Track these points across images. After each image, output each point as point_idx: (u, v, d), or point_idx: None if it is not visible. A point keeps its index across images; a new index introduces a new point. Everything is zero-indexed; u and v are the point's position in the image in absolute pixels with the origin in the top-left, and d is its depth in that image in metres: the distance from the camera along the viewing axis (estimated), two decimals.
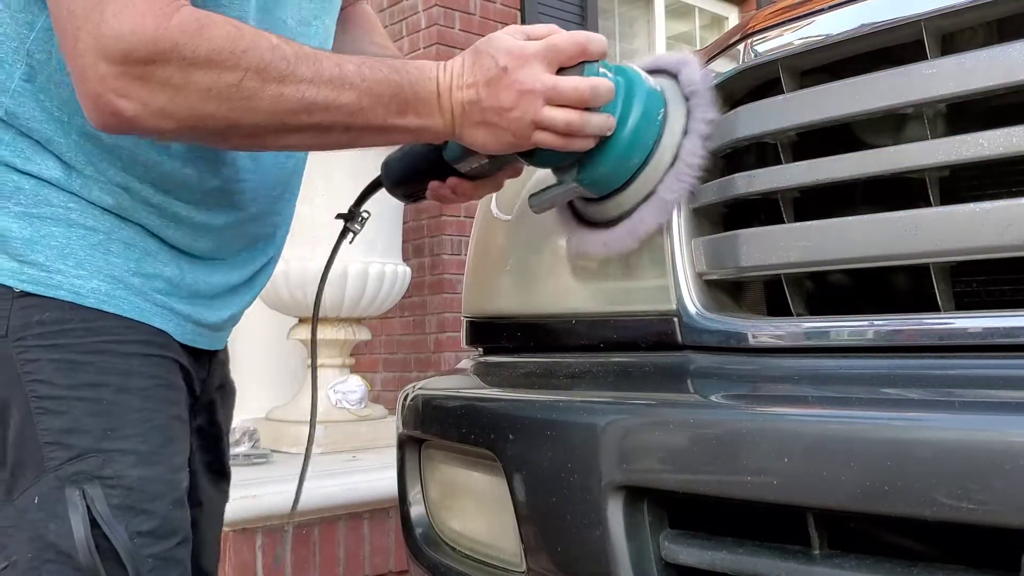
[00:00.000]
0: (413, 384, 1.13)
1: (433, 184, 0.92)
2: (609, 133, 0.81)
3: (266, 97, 0.72)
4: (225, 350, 1.03)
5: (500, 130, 0.79)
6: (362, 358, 4.06)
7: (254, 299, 1.01)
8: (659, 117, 0.84)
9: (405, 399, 1.11)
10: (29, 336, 0.77)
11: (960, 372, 0.68)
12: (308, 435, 1.08)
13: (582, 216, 0.94)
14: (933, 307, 0.71)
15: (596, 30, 4.57)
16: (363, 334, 3.03)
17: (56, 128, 0.79)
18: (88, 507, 0.76)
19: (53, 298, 0.77)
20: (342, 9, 1.07)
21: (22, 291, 0.77)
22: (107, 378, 0.79)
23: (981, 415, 0.60)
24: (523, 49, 0.78)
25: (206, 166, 0.85)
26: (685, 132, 0.85)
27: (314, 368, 1.10)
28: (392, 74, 0.77)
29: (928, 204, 0.72)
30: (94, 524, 0.76)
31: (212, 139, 0.77)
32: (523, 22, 4.28)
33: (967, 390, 0.67)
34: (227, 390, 1.04)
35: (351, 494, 2.20)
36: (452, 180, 0.90)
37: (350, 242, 1.00)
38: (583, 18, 4.53)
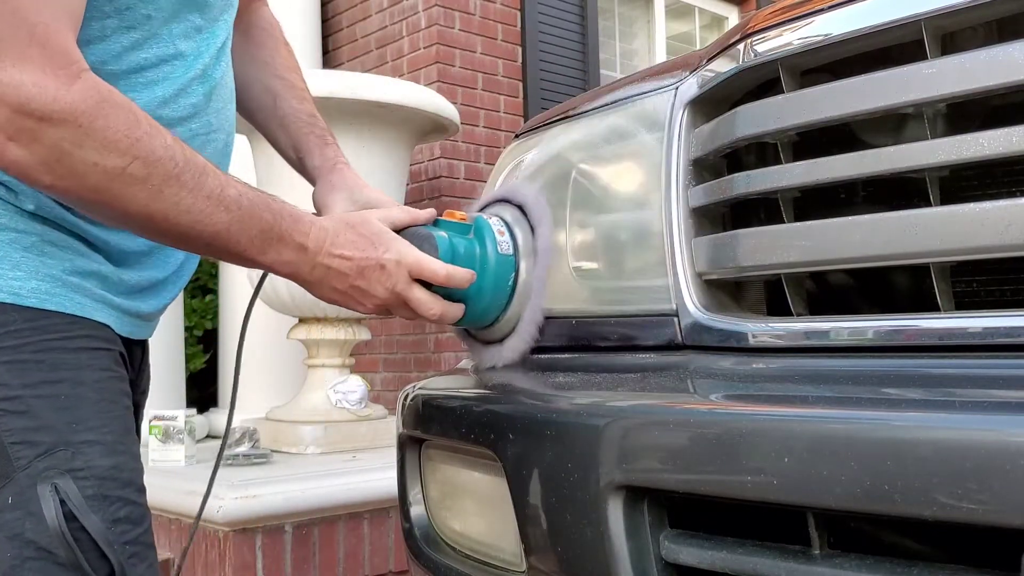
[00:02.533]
0: (413, 384, 1.13)
1: None
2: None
3: (145, 191, 0.74)
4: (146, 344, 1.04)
5: (355, 302, 0.90)
6: (362, 358, 4.05)
7: (180, 290, 1.01)
8: (509, 283, 0.98)
9: (405, 399, 1.11)
10: None
11: (960, 372, 0.68)
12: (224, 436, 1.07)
13: (476, 336, 1.07)
14: (933, 307, 0.71)
15: (596, 30, 4.57)
16: (363, 334, 3.03)
17: None
18: (62, 500, 0.76)
19: None
20: (241, 13, 1.07)
21: None
22: (60, 374, 0.80)
23: (981, 415, 0.60)
24: (401, 256, 0.89)
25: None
26: (534, 265, 1.00)
27: (237, 369, 1.07)
28: (269, 208, 0.82)
29: (928, 204, 0.72)
30: (70, 517, 0.76)
31: (81, 206, 0.79)
32: (523, 22, 4.28)
33: (967, 390, 0.67)
34: (147, 381, 1.04)
35: (351, 494, 2.20)
36: None
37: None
38: (583, 18, 4.53)
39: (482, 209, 1.06)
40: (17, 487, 0.76)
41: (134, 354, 0.93)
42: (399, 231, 0.93)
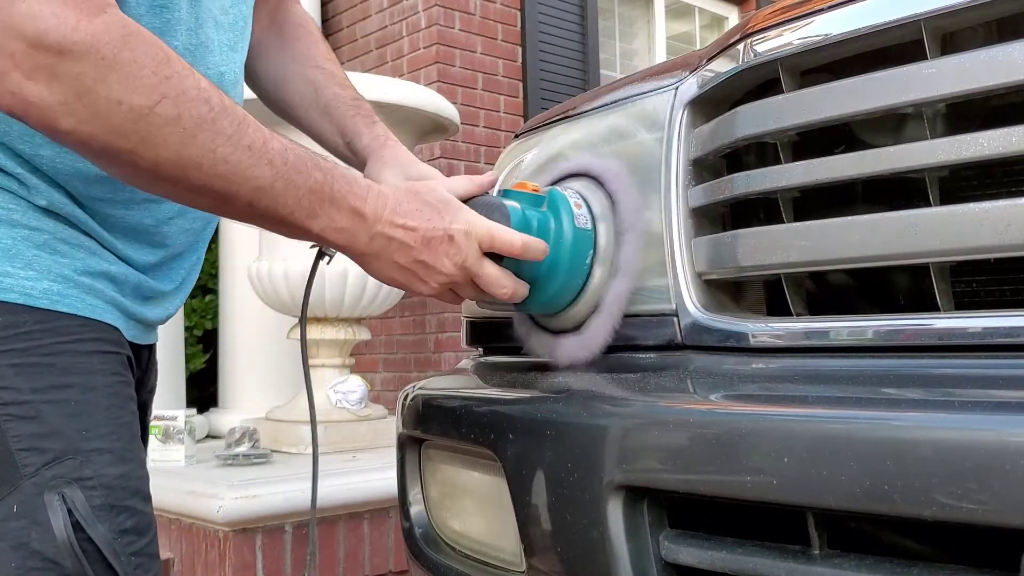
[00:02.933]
0: (413, 384, 1.13)
1: None
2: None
3: (176, 133, 0.67)
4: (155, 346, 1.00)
5: (418, 280, 0.82)
6: (362, 358, 4.06)
7: (182, 303, 0.98)
8: (587, 261, 0.89)
9: (405, 399, 1.11)
10: None
11: (960, 372, 0.68)
12: (312, 438, 1.06)
13: (547, 326, 0.96)
14: (933, 307, 0.71)
15: (596, 30, 4.58)
16: (363, 334, 3.03)
17: None
18: (69, 510, 0.73)
19: (4, 301, 0.75)
20: (272, 13, 1.04)
21: None
22: (71, 378, 0.77)
23: (981, 415, 0.60)
24: (471, 227, 0.82)
25: None
26: (617, 246, 0.89)
27: (307, 376, 1.07)
28: (315, 170, 0.74)
29: (928, 204, 0.72)
30: (77, 527, 0.73)
31: (103, 159, 0.70)
32: (523, 22, 4.28)
33: (967, 390, 0.67)
34: (153, 384, 1.01)
35: (351, 494, 2.20)
36: None
37: (327, 263, 0.97)
38: (583, 18, 4.53)
39: (553, 184, 0.97)
40: (23, 495, 0.73)
41: (141, 355, 0.91)
42: (464, 202, 0.85)
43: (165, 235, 0.88)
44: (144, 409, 0.96)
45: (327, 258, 0.94)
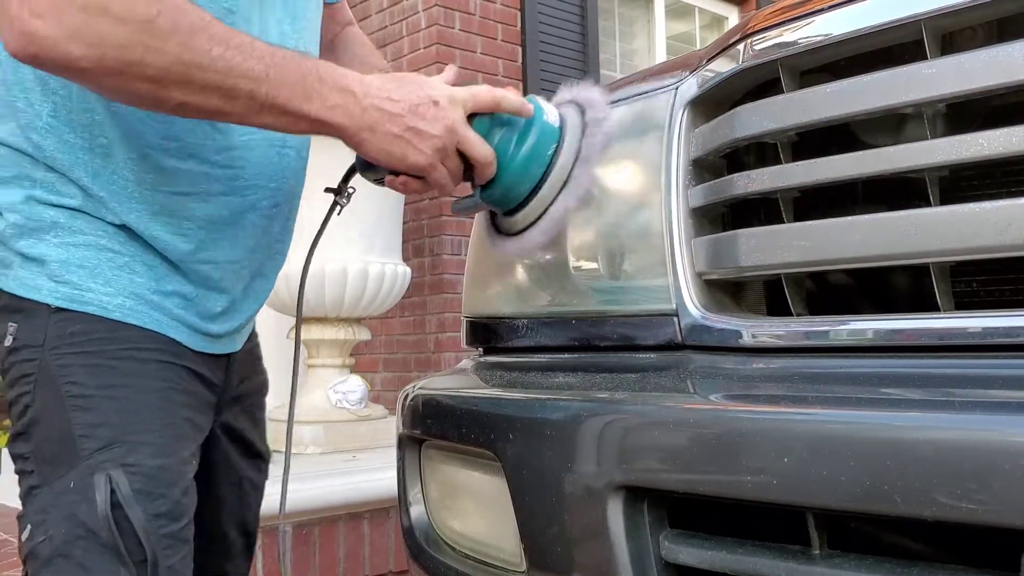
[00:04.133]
0: (413, 384, 1.13)
1: (388, 176, 0.96)
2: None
3: (176, 40, 0.75)
4: (249, 352, 1.13)
5: (412, 149, 0.87)
6: (362, 358, 4.06)
7: (250, 315, 1.08)
8: (549, 152, 0.92)
9: (405, 399, 1.11)
10: (63, 345, 0.87)
11: (960, 372, 0.68)
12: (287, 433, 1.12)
13: (498, 226, 1.02)
14: (933, 307, 0.71)
15: (596, 30, 4.57)
16: (363, 334, 3.03)
17: (75, 158, 0.88)
18: (112, 490, 0.85)
19: (83, 312, 0.88)
20: (332, 36, 1.18)
21: (57, 307, 0.88)
22: (128, 380, 0.89)
23: (981, 415, 0.60)
24: (452, 92, 0.89)
25: (202, 154, 0.92)
26: (577, 159, 0.93)
27: (296, 356, 1.11)
28: (303, 60, 0.83)
29: (928, 204, 0.72)
30: (117, 506, 0.84)
31: (115, 79, 0.77)
32: (523, 22, 4.28)
33: (967, 390, 0.67)
34: (253, 383, 1.14)
35: (351, 494, 2.20)
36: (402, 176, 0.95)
37: (338, 214, 1.05)
38: (583, 18, 4.53)
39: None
40: (79, 474, 0.85)
41: (218, 363, 1.01)
42: None
43: (240, 228, 0.97)
44: (237, 402, 1.09)
45: (339, 208, 1.03)
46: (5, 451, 3.74)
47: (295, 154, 1.03)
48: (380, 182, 1.00)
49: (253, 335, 1.16)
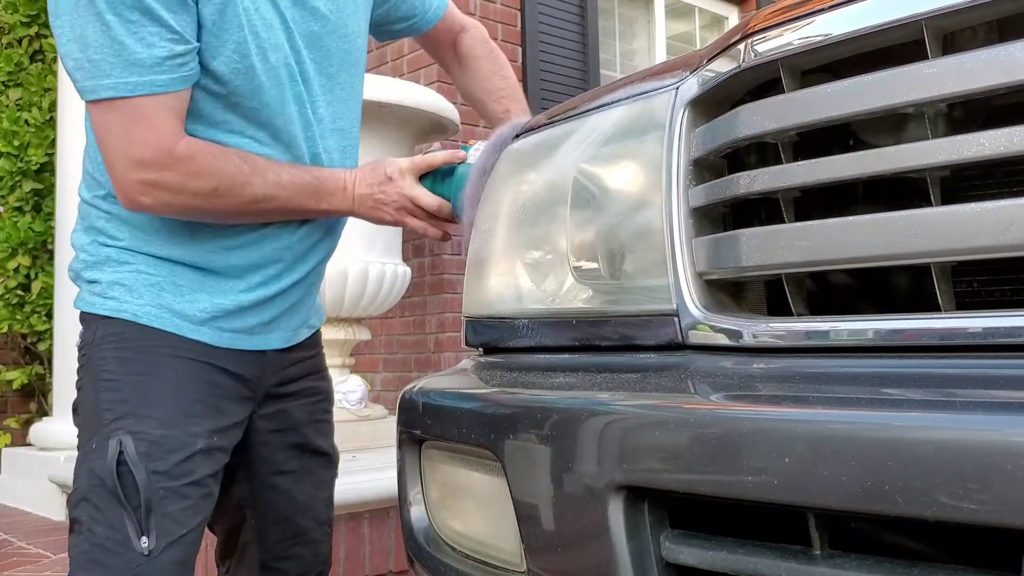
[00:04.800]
0: (413, 384, 1.13)
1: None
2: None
3: (231, 197, 1.14)
4: (303, 360, 1.36)
5: (384, 213, 1.27)
6: (362, 358, 4.05)
7: (300, 311, 1.34)
8: (466, 179, 1.24)
9: (405, 399, 1.11)
10: (104, 342, 1.17)
11: (960, 372, 0.68)
12: None
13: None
14: (934, 307, 0.71)
15: (596, 30, 4.57)
16: (363, 334, 3.03)
17: (132, 215, 1.19)
18: (121, 451, 1.10)
19: (121, 319, 1.17)
20: (451, 47, 1.54)
21: (104, 315, 1.18)
22: (148, 368, 1.16)
23: (981, 415, 0.60)
24: (400, 167, 1.25)
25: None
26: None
27: None
28: (311, 179, 1.20)
29: (929, 204, 0.72)
30: (122, 463, 1.10)
31: (196, 217, 1.17)
32: (523, 22, 4.28)
33: (967, 390, 0.66)
34: (309, 387, 1.37)
35: (351, 494, 2.20)
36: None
37: None
38: (583, 18, 4.53)
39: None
40: (101, 437, 1.13)
41: (251, 361, 1.25)
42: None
43: (270, 261, 1.26)
44: (279, 399, 1.31)
45: None
46: (5, 451, 3.74)
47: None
48: None
49: (308, 346, 1.38)
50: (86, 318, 1.21)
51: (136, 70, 1.05)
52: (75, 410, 1.20)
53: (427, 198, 1.25)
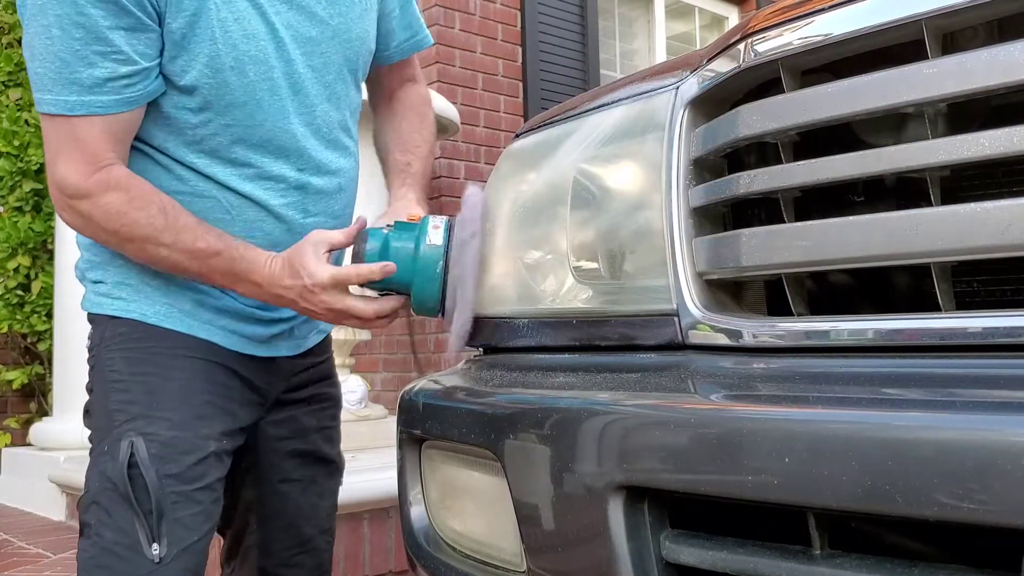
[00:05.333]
0: (413, 384, 1.13)
1: None
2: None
3: (133, 247, 1.09)
4: (314, 366, 1.33)
5: (316, 317, 1.14)
6: (362, 358, 4.05)
7: (312, 327, 1.31)
8: (437, 271, 1.09)
9: (405, 399, 1.11)
10: (112, 343, 1.15)
11: (960, 372, 0.68)
12: None
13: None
14: (934, 307, 0.71)
15: (596, 30, 4.57)
16: (363, 334, 3.03)
17: None
18: (132, 453, 1.07)
19: (128, 319, 1.15)
20: (391, 93, 1.40)
21: (111, 316, 1.16)
22: (157, 369, 1.13)
23: (981, 415, 0.60)
24: (317, 277, 1.08)
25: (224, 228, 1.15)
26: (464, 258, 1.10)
27: None
28: (227, 262, 1.10)
29: (929, 204, 0.72)
30: (133, 465, 1.07)
31: (115, 249, 1.14)
32: (523, 22, 4.28)
33: (967, 390, 0.67)
34: (317, 394, 1.34)
35: (351, 494, 2.20)
36: None
37: None
38: (583, 18, 4.53)
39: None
40: (112, 439, 1.10)
41: (262, 367, 1.22)
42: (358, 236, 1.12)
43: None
44: (289, 405, 1.29)
45: None
46: (5, 451, 3.73)
47: (321, 221, 1.22)
48: None
49: (318, 352, 1.35)
50: (94, 319, 1.19)
51: (74, 89, 1.02)
52: (87, 412, 1.18)
53: (363, 309, 1.11)
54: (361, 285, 1.10)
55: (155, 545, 1.07)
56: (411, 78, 1.43)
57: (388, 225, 1.14)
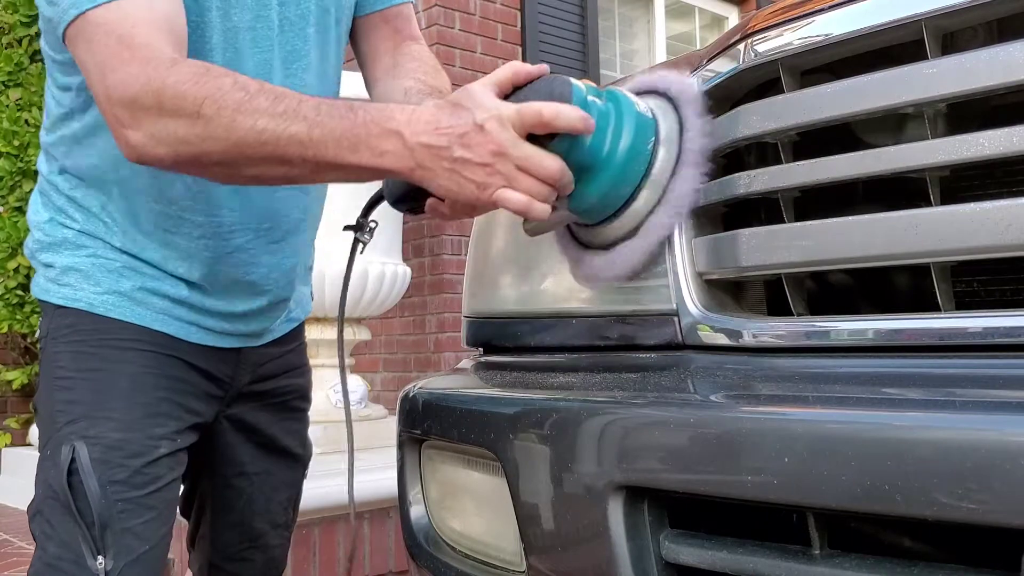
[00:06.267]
0: (413, 384, 1.13)
1: (431, 201, 0.91)
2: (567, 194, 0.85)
3: (223, 125, 0.83)
4: (280, 357, 1.22)
5: (465, 181, 0.83)
6: (362, 358, 4.06)
7: (279, 317, 1.19)
8: (648, 146, 0.85)
9: (405, 399, 1.11)
10: (58, 335, 1.04)
11: (960, 372, 0.68)
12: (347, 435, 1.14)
13: (580, 239, 0.93)
14: (933, 307, 0.71)
15: (596, 30, 4.57)
16: (363, 334, 3.03)
17: (86, 194, 1.05)
18: (73, 459, 0.97)
19: (75, 308, 1.03)
20: (391, 52, 1.18)
21: (57, 304, 1.05)
22: (105, 364, 1.02)
23: (981, 415, 0.60)
24: (500, 113, 0.82)
25: (193, 204, 1.04)
26: (679, 159, 0.85)
27: (342, 369, 1.13)
28: (348, 112, 0.84)
29: (928, 204, 0.72)
30: (74, 472, 0.97)
31: (195, 169, 0.90)
32: (523, 22, 4.28)
33: (967, 390, 0.67)
34: (283, 385, 1.23)
35: (356, 495, 2.20)
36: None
37: (360, 252, 1.07)
38: (583, 18, 4.53)
39: None
40: (54, 444, 1.00)
41: (225, 362, 1.12)
42: (520, 88, 0.86)
43: (225, 264, 1.07)
44: (250, 399, 1.18)
45: (362, 246, 1.06)
46: (5, 451, 3.73)
47: (294, 192, 1.09)
48: (416, 210, 0.95)
49: (288, 340, 1.23)
50: (43, 307, 1.08)
51: None
52: (34, 410, 1.09)
53: (543, 165, 0.82)
54: (546, 141, 0.83)
55: (100, 558, 0.98)
56: (411, 36, 1.21)
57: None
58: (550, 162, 0.82)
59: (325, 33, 1.10)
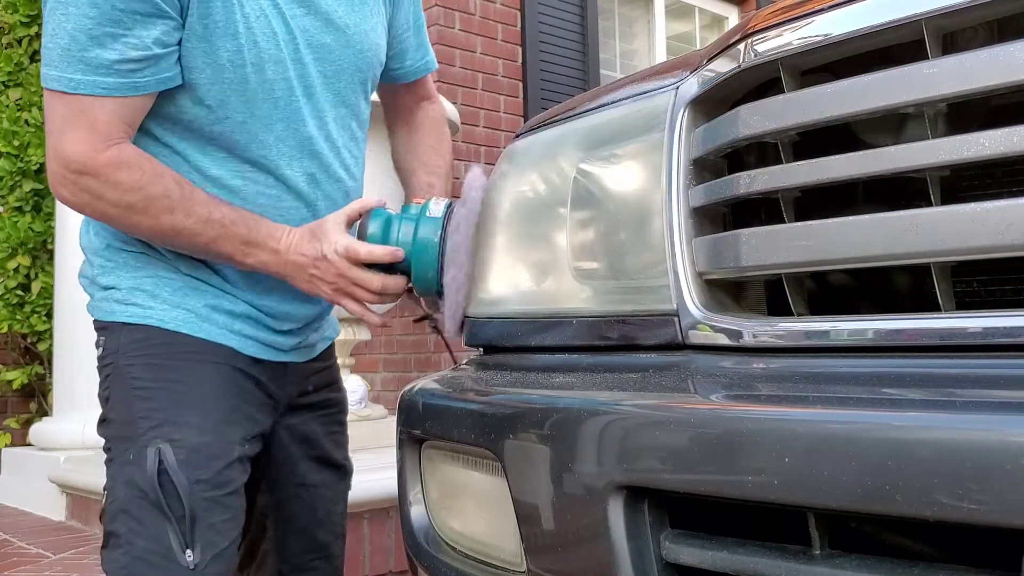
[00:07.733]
0: (413, 384, 1.13)
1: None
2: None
3: (148, 218, 1.08)
4: (322, 371, 1.36)
5: (319, 290, 1.16)
6: (362, 358, 4.05)
7: (318, 331, 1.34)
8: (436, 239, 1.14)
9: (405, 399, 1.11)
10: (131, 350, 1.15)
11: (960, 372, 0.68)
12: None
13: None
14: (934, 307, 0.71)
15: (596, 30, 4.57)
16: (363, 334, 3.02)
17: None
18: (160, 460, 1.07)
19: (146, 325, 1.15)
20: (409, 113, 1.45)
21: (125, 323, 1.16)
22: (180, 375, 1.13)
23: (981, 415, 0.60)
24: (336, 248, 1.12)
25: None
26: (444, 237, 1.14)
27: None
28: (244, 228, 1.11)
29: (929, 204, 0.72)
30: (163, 472, 1.07)
31: (117, 228, 1.14)
32: (523, 22, 4.28)
33: (967, 390, 0.67)
34: (326, 398, 1.37)
35: (351, 494, 2.20)
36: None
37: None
38: (583, 18, 4.53)
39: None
40: (137, 448, 1.09)
41: (275, 372, 1.24)
42: (362, 215, 1.16)
43: (276, 284, 1.21)
44: (301, 410, 1.31)
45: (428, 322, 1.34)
46: (5, 451, 3.73)
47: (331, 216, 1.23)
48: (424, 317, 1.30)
49: (325, 357, 1.37)
50: (107, 326, 1.18)
51: (80, 68, 1.02)
52: (103, 421, 1.17)
53: (372, 280, 1.13)
54: (368, 265, 1.13)
55: (189, 552, 1.07)
56: (427, 96, 1.47)
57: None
58: (375, 282, 1.14)
59: (360, 81, 1.27)
